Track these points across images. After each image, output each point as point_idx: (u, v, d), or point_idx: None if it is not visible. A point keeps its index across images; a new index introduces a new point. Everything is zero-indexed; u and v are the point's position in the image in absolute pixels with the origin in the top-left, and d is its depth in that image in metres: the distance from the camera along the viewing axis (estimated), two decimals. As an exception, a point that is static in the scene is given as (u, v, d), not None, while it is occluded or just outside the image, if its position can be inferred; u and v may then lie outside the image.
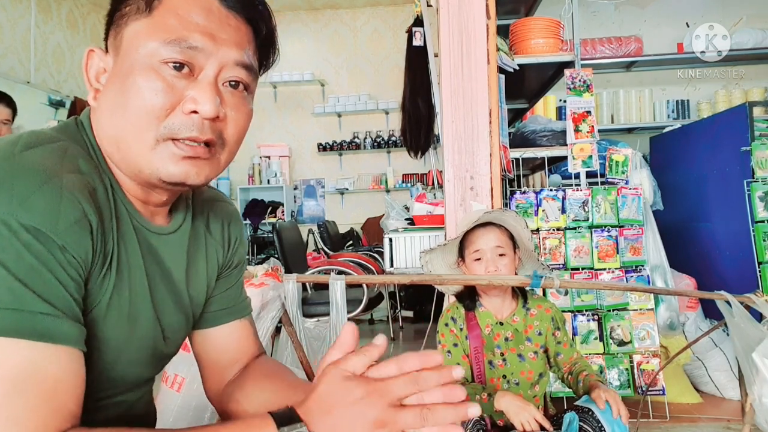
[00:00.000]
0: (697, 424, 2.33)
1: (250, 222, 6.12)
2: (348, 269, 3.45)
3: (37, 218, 0.56)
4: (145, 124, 0.64)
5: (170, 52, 0.64)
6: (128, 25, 0.66)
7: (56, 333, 0.57)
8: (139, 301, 0.71)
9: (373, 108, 6.10)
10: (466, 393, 0.57)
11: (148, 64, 0.64)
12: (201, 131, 0.66)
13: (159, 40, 0.64)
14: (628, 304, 2.47)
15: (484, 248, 1.53)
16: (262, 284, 1.71)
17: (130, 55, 0.65)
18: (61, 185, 0.59)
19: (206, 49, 0.65)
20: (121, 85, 0.65)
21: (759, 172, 2.61)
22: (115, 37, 0.67)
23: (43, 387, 0.55)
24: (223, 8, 0.67)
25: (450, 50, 2.46)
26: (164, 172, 0.66)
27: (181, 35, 0.64)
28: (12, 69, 4.84)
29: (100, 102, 0.68)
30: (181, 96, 0.65)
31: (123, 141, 0.66)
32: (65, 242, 0.58)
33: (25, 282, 0.55)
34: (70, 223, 0.58)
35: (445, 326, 1.59)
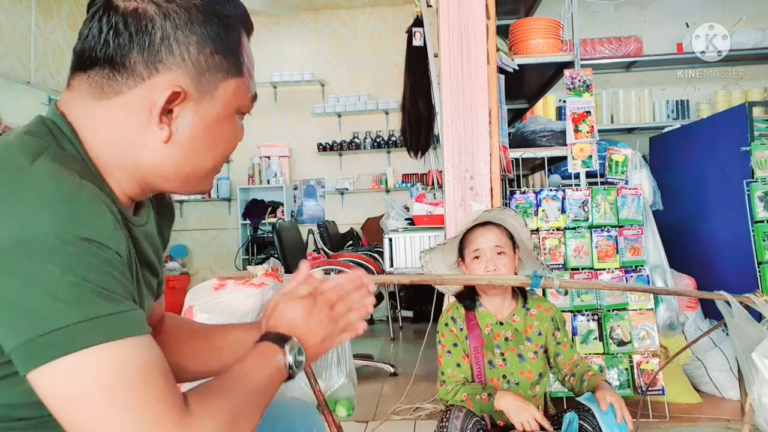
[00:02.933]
0: (697, 424, 2.33)
1: (250, 222, 6.12)
2: (348, 269, 3.45)
3: (88, 229, 0.58)
4: (222, 162, 0.77)
5: (250, 107, 0.77)
6: (225, 80, 0.71)
7: (141, 323, 0.62)
8: (139, 290, 0.75)
9: (373, 108, 6.10)
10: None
11: (233, 118, 0.75)
12: None
13: (248, 98, 0.76)
14: (627, 304, 2.47)
15: (483, 247, 1.53)
16: (262, 284, 1.71)
17: (226, 107, 0.72)
18: (88, 192, 0.60)
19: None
20: (208, 132, 0.71)
21: (758, 172, 2.61)
22: (201, 82, 0.69)
23: (160, 368, 0.61)
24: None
25: (450, 50, 2.46)
26: (206, 190, 0.80)
27: (256, 93, 0.78)
28: (12, 69, 4.84)
29: (174, 138, 0.70)
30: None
31: (197, 174, 0.74)
32: (116, 248, 0.61)
33: (105, 287, 0.58)
34: (113, 229, 0.61)
35: (445, 326, 1.59)
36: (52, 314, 0.55)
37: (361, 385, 2.57)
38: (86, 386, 0.56)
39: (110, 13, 0.65)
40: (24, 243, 0.54)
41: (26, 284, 0.54)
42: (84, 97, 0.68)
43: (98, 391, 0.56)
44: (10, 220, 0.55)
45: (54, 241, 0.55)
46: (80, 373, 0.56)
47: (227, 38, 0.70)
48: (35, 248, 0.55)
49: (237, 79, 0.72)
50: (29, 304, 0.55)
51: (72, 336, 0.55)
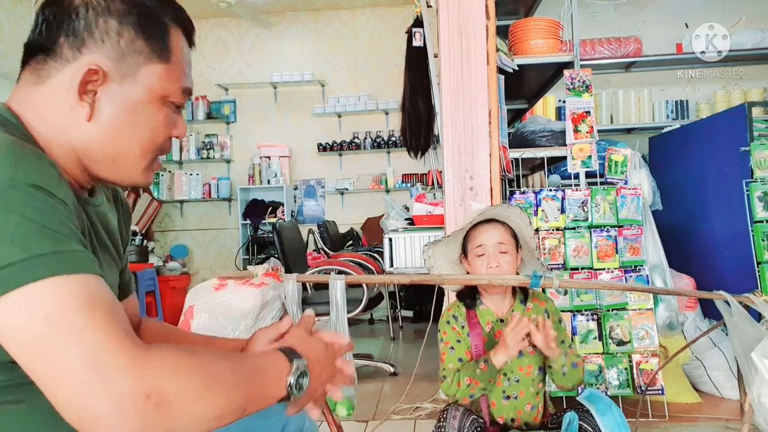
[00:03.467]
0: (696, 424, 2.33)
1: (250, 222, 6.13)
2: (348, 269, 3.46)
3: (35, 176, 0.62)
4: (152, 150, 0.79)
5: (181, 99, 0.81)
6: (147, 64, 0.76)
7: (91, 264, 0.64)
8: (102, 264, 0.76)
9: (373, 108, 6.11)
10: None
11: (163, 103, 0.78)
12: (171, 148, 0.87)
13: (177, 88, 0.79)
14: (627, 303, 2.48)
15: (486, 243, 1.54)
16: (263, 284, 1.71)
17: (150, 91, 0.76)
18: (33, 151, 0.65)
19: (191, 92, 0.84)
20: (131, 114, 0.76)
21: (758, 173, 2.61)
22: (121, 63, 0.74)
23: (110, 305, 0.63)
24: (190, 53, 0.84)
25: (450, 51, 2.47)
26: (143, 183, 0.82)
27: (188, 86, 0.82)
28: (12, 69, 4.85)
29: (97, 117, 0.74)
30: (174, 126, 0.82)
31: (124, 158, 0.78)
32: (62, 197, 0.64)
33: (52, 227, 0.61)
34: (58, 179, 0.65)
35: (447, 324, 1.60)
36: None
37: (361, 385, 2.58)
38: (32, 319, 0.57)
39: (46, 8, 0.75)
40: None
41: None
42: (26, 86, 0.76)
43: (44, 323, 0.57)
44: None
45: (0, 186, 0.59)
46: (26, 307, 0.57)
47: (150, 26, 0.76)
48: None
49: (162, 66, 0.77)
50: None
51: (16, 273, 0.57)
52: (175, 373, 0.61)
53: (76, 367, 0.57)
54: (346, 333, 1.89)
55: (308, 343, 0.84)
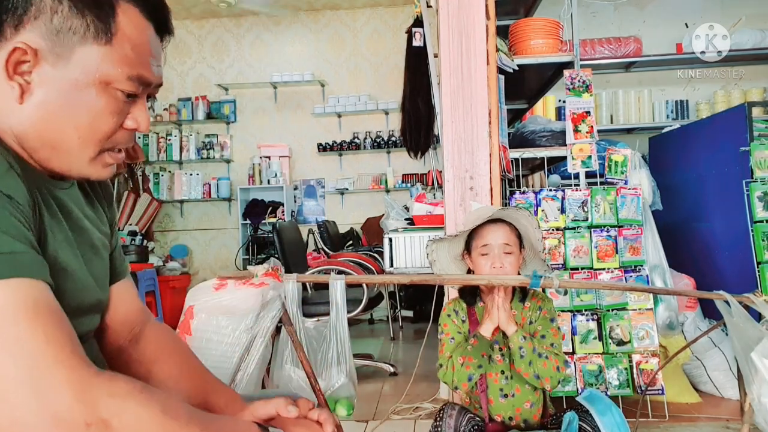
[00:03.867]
0: (696, 424, 2.33)
1: (250, 222, 6.12)
2: (348, 269, 3.46)
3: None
4: (94, 139, 0.72)
5: (129, 86, 0.72)
6: (83, 45, 0.69)
7: (37, 268, 0.60)
8: (67, 251, 0.73)
9: (373, 108, 6.10)
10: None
11: (105, 89, 0.71)
12: (130, 141, 0.77)
13: (121, 74, 0.71)
14: (627, 303, 2.48)
15: (492, 243, 1.54)
16: (262, 284, 1.71)
17: (86, 74, 0.70)
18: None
19: (151, 81, 0.76)
20: (69, 97, 0.69)
21: (758, 172, 2.61)
22: (55, 43, 0.68)
23: (55, 313, 0.59)
24: (156, 36, 0.77)
25: (450, 51, 2.47)
26: (94, 176, 0.76)
27: (139, 73, 0.73)
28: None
29: (30, 99, 0.69)
30: (125, 116, 0.75)
31: (63, 146, 0.71)
32: (8, 190, 0.61)
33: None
34: (4, 171, 0.62)
35: (448, 317, 1.61)
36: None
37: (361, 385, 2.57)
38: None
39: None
40: None
41: None
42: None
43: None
44: None
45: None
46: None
47: (90, 3, 0.69)
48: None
49: (101, 47, 0.70)
50: None
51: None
52: (123, 407, 0.57)
53: (10, 378, 0.53)
54: (346, 333, 1.89)
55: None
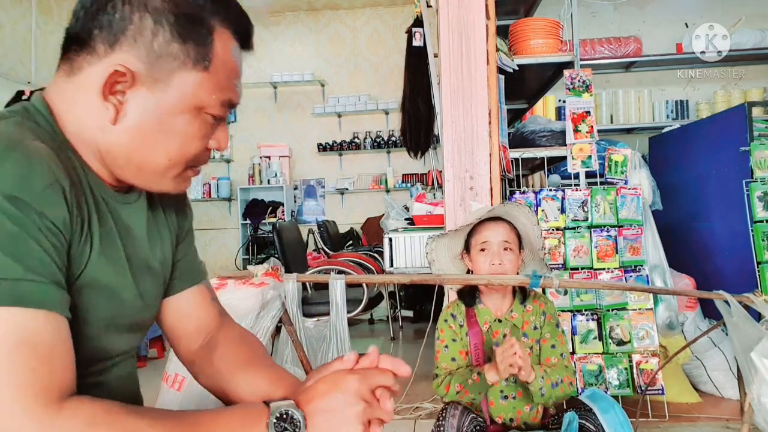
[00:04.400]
0: (696, 424, 2.33)
1: (250, 222, 6.13)
2: (348, 269, 3.46)
3: (10, 184, 0.56)
4: (182, 161, 0.73)
5: (220, 111, 0.73)
6: (182, 71, 0.68)
7: (42, 299, 0.58)
8: (119, 269, 0.73)
9: (373, 108, 6.11)
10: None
11: (198, 114, 0.71)
12: (208, 158, 0.78)
13: (215, 99, 0.71)
14: (627, 303, 2.48)
15: (491, 240, 1.54)
16: (263, 284, 1.71)
17: (182, 100, 0.69)
18: (29, 151, 0.60)
19: (237, 103, 0.76)
20: (159, 122, 0.69)
21: (758, 172, 2.61)
22: (153, 66, 0.68)
23: (39, 352, 0.56)
24: (240, 54, 0.75)
25: (450, 51, 2.47)
26: (174, 191, 0.76)
27: (230, 98, 0.73)
28: (12, 69, 4.85)
29: (123, 121, 0.69)
30: (210, 137, 0.75)
31: (150, 167, 0.72)
32: (42, 207, 0.59)
33: (5, 249, 0.56)
34: (44, 188, 0.59)
35: (445, 322, 1.60)
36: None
37: (361, 385, 2.58)
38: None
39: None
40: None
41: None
42: (60, 76, 0.71)
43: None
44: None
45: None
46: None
47: (190, 28, 0.68)
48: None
49: (199, 74, 0.69)
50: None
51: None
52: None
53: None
54: (346, 333, 1.89)
55: (324, 388, 0.67)
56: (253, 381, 0.84)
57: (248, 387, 0.83)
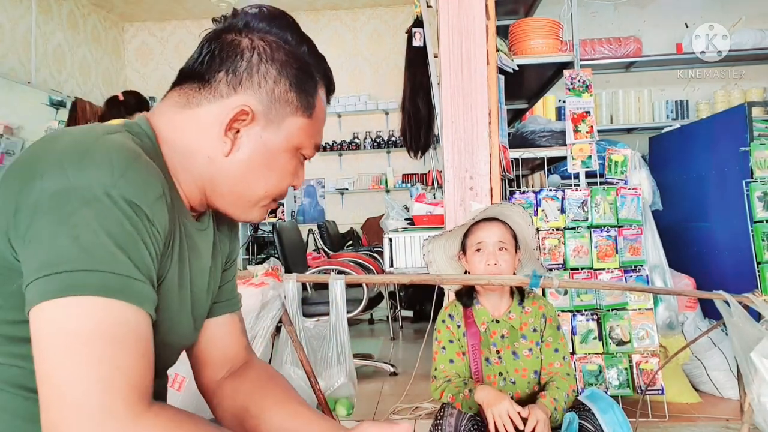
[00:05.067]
0: (696, 424, 2.33)
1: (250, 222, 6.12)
2: (348, 269, 3.46)
3: (133, 191, 0.62)
4: (275, 194, 0.82)
5: (311, 153, 0.83)
6: (293, 116, 0.78)
7: (145, 299, 0.63)
8: (183, 290, 0.77)
9: (373, 108, 6.11)
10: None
11: (295, 154, 0.81)
12: (286, 193, 0.86)
13: (311, 142, 0.82)
14: (627, 303, 2.48)
15: (486, 240, 1.54)
16: (263, 284, 1.71)
17: (288, 141, 0.78)
18: (146, 164, 0.66)
19: (320, 146, 0.86)
20: (266, 158, 0.78)
21: (758, 173, 2.61)
22: (270, 110, 0.76)
23: (140, 345, 0.61)
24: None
25: (450, 51, 2.47)
26: (256, 221, 0.85)
27: (318, 142, 0.84)
28: (12, 69, 4.85)
29: (235, 154, 0.76)
30: (295, 175, 0.84)
31: (248, 197, 0.79)
32: (153, 215, 0.65)
33: (124, 248, 0.61)
34: (156, 198, 0.65)
35: (442, 323, 1.60)
36: (66, 256, 0.58)
37: (361, 385, 2.58)
38: (61, 330, 0.57)
39: (212, 41, 0.76)
40: (75, 188, 0.60)
41: (60, 222, 0.59)
42: (171, 106, 0.77)
43: (70, 337, 0.57)
44: (74, 170, 0.61)
45: (99, 191, 0.60)
46: (63, 316, 0.57)
47: (305, 81, 0.78)
48: (81, 193, 0.60)
49: (305, 120, 0.79)
50: (54, 242, 0.59)
51: (72, 281, 0.58)
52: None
53: (76, 395, 0.56)
54: (346, 333, 1.90)
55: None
56: (283, 421, 0.84)
57: (277, 427, 0.84)
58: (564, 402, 1.44)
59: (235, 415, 0.88)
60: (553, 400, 1.42)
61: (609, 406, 1.42)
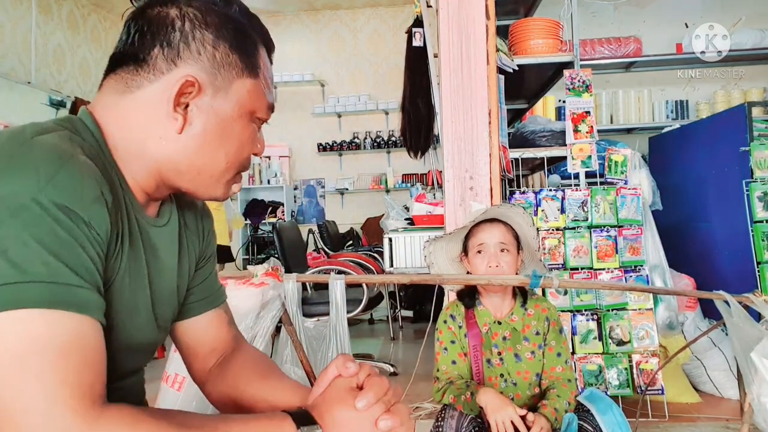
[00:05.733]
0: (696, 424, 2.33)
1: (250, 222, 6.12)
2: (348, 269, 3.46)
3: (64, 195, 0.59)
4: (237, 165, 0.79)
5: (266, 115, 0.81)
6: (239, 78, 0.75)
7: (88, 305, 0.61)
8: (139, 289, 0.75)
9: (373, 108, 6.11)
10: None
11: (249, 119, 0.78)
12: (249, 165, 0.84)
13: (264, 103, 0.79)
14: (627, 303, 2.48)
15: (487, 242, 1.54)
16: (263, 284, 1.71)
17: (240, 105, 0.76)
18: (80, 165, 0.63)
19: (273, 107, 0.84)
20: (221, 128, 0.75)
21: (758, 173, 2.61)
22: (215, 76, 0.73)
23: (85, 354, 0.59)
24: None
25: (450, 51, 2.47)
26: (222, 197, 0.80)
27: (272, 103, 0.82)
28: (12, 69, 4.85)
29: (189, 129, 0.73)
30: (255, 142, 0.81)
31: (209, 170, 0.76)
32: (90, 218, 0.62)
33: (58, 256, 0.58)
34: (92, 200, 0.62)
35: (444, 323, 1.60)
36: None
37: (361, 385, 2.58)
38: (0, 347, 0.55)
39: (137, 19, 0.73)
40: (1, 199, 0.57)
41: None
42: (111, 94, 0.74)
43: (8, 355, 0.55)
44: (0, 180, 0.58)
45: (25, 199, 0.57)
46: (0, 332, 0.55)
47: (243, 41, 0.76)
48: (6, 203, 0.57)
49: (252, 80, 0.77)
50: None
51: (5, 295, 0.55)
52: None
53: (23, 414, 0.54)
54: (346, 333, 1.89)
55: (344, 412, 0.72)
56: (268, 391, 0.88)
57: (262, 396, 0.87)
58: (565, 411, 1.45)
59: (225, 394, 0.90)
60: (554, 410, 1.43)
61: (608, 407, 1.42)
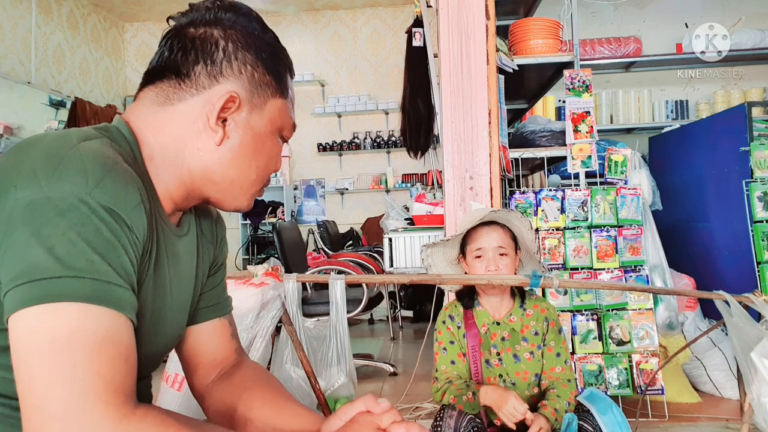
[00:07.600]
0: (696, 424, 2.33)
1: (250, 222, 6.12)
2: (348, 269, 3.46)
3: (110, 198, 0.62)
4: (264, 178, 0.84)
5: (290, 134, 0.86)
6: (273, 98, 0.81)
7: (126, 304, 0.63)
8: (160, 297, 0.77)
9: (373, 108, 6.11)
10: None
11: (277, 136, 0.84)
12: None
13: (290, 122, 0.85)
14: (627, 303, 2.48)
15: (485, 247, 1.54)
16: (263, 284, 1.71)
17: (271, 123, 0.81)
18: (123, 171, 0.66)
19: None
20: (254, 142, 0.80)
21: (758, 172, 2.61)
22: (253, 94, 0.79)
23: (120, 349, 0.61)
24: None
25: (449, 51, 2.47)
26: (245, 208, 0.85)
27: (294, 122, 0.87)
28: (12, 69, 4.85)
29: (226, 143, 0.78)
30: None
31: (240, 182, 0.81)
32: (132, 222, 0.65)
33: (102, 254, 0.61)
34: (135, 206, 0.66)
35: (443, 324, 1.60)
36: (42, 266, 0.58)
37: (361, 385, 2.58)
38: (40, 336, 0.57)
39: (180, 37, 0.77)
40: (49, 198, 0.60)
41: (33, 233, 0.59)
42: (149, 105, 0.77)
43: (47, 343, 0.57)
44: (48, 180, 0.61)
45: (73, 199, 0.60)
46: (40, 323, 0.57)
47: (277, 64, 0.82)
48: (56, 203, 0.60)
49: (282, 101, 0.82)
50: (29, 253, 0.59)
51: (49, 288, 0.58)
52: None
53: (55, 402, 0.56)
54: (346, 333, 1.89)
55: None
56: (274, 417, 0.87)
57: (264, 420, 0.87)
58: (564, 411, 1.45)
59: (224, 416, 0.89)
60: (554, 410, 1.43)
61: (608, 407, 1.42)
